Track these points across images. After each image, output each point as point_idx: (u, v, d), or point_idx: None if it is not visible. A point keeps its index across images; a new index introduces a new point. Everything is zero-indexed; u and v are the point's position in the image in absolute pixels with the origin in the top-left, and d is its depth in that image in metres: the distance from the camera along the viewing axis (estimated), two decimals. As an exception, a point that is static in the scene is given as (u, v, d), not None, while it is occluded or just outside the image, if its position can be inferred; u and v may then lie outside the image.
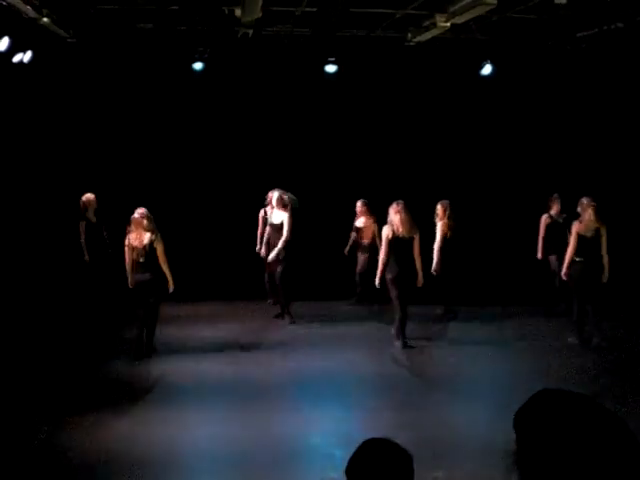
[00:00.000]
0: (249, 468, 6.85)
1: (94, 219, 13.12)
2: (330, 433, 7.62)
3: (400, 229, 10.91)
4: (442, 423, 7.95)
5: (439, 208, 12.70)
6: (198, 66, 14.40)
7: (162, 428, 7.86)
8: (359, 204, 13.88)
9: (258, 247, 13.37)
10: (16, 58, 12.42)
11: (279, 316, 12.86)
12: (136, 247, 10.52)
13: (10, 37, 11.65)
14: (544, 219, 13.12)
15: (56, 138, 14.75)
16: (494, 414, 7.84)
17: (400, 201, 11.09)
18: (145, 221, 10.48)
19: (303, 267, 13.18)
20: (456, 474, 6.69)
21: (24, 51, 12.51)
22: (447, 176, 15.24)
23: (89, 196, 13.15)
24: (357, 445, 2.62)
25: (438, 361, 10.53)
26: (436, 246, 12.44)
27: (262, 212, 13.40)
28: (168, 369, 10.03)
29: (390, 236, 10.94)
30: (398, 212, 10.96)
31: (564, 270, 11.13)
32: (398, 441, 2.62)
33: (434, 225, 12.61)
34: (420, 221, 11.53)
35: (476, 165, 15.71)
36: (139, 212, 10.59)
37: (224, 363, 10.30)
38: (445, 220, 12.59)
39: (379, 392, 9.19)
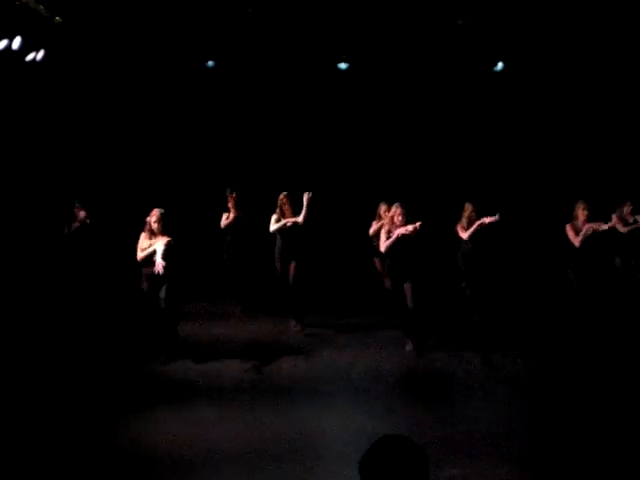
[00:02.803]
0: (266, 466, 6.83)
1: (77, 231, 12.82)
2: (346, 431, 7.60)
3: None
4: (458, 422, 7.91)
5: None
6: (210, 64, 14.47)
7: (179, 427, 7.84)
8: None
9: (226, 256, 13.15)
10: (29, 57, 12.45)
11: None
12: None
13: (22, 36, 11.69)
14: (613, 219, 12.76)
15: (69, 137, 14.78)
16: (510, 414, 7.83)
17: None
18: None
19: (321, 268, 13.14)
20: (471, 472, 6.66)
21: (37, 50, 12.54)
22: (462, 175, 15.19)
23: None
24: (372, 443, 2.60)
25: (454, 360, 10.45)
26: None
27: (224, 216, 13.03)
28: (185, 368, 10.02)
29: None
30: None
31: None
32: (413, 439, 2.60)
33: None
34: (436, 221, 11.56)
35: (492, 164, 15.60)
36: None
37: (241, 362, 10.26)
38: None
39: (395, 391, 9.15)
